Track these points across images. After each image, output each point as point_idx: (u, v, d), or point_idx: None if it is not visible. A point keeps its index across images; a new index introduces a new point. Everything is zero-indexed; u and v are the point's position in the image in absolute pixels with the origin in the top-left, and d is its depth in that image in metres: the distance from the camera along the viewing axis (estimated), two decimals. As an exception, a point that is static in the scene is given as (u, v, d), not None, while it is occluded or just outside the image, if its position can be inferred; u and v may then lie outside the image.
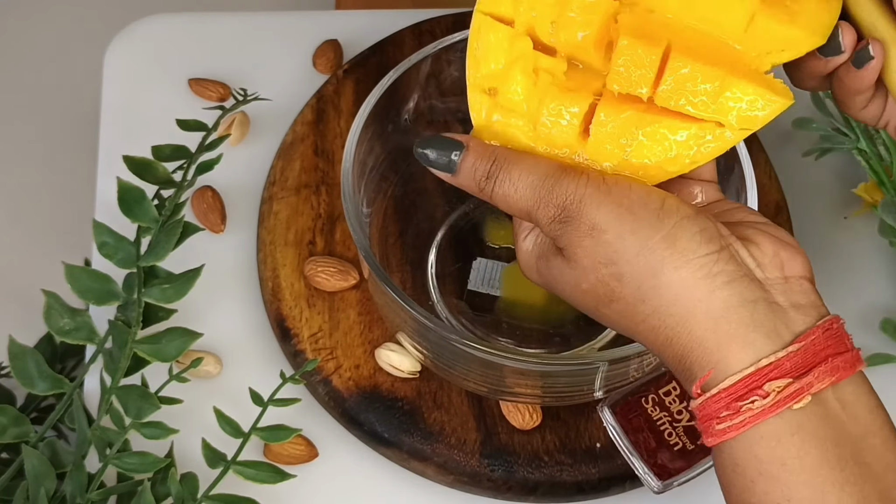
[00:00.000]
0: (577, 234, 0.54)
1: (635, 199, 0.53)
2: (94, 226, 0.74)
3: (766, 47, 0.55)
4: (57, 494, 0.71)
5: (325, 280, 0.77)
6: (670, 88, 0.55)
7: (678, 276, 0.52)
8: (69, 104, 1.51)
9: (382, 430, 0.75)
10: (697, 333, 0.52)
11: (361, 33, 0.86)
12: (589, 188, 0.54)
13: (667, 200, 0.53)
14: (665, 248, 0.52)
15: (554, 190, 0.54)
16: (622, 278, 0.53)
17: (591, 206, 0.53)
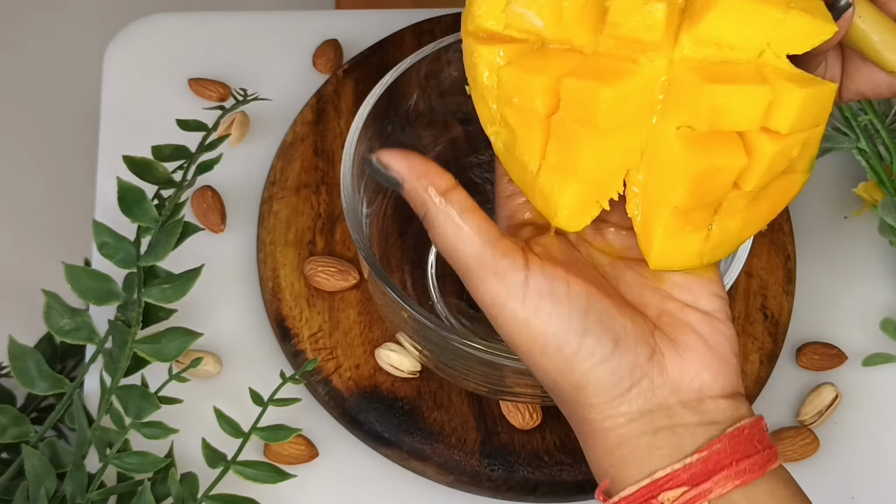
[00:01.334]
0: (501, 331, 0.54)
1: (550, 337, 0.52)
2: (94, 226, 0.75)
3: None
4: (57, 494, 0.71)
5: (325, 280, 0.77)
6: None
7: (581, 413, 0.54)
8: (69, 104, 1.51)
9: (382, 429, 0.75)
10: (595, 453, 0.54)
11: (361, 33, 0.86)
12: (509, 302, 0.52)
13: (581, 347, 0.52)
14: (572, 390, 0.53)
15: (482, 278, 0.53)
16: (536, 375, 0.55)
17: (506, 327, 0.53)
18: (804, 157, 0.55)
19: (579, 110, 0.53)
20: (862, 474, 0.77)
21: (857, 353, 0.79)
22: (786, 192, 0.56)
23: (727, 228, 0.55)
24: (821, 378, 0.78)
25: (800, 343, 0.79)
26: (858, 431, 0.77)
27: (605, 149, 0.54)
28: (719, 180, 0.53)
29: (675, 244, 0.55)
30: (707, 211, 0.55)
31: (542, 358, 0.53)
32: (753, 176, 0.53)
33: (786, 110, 0.52)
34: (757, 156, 0.53)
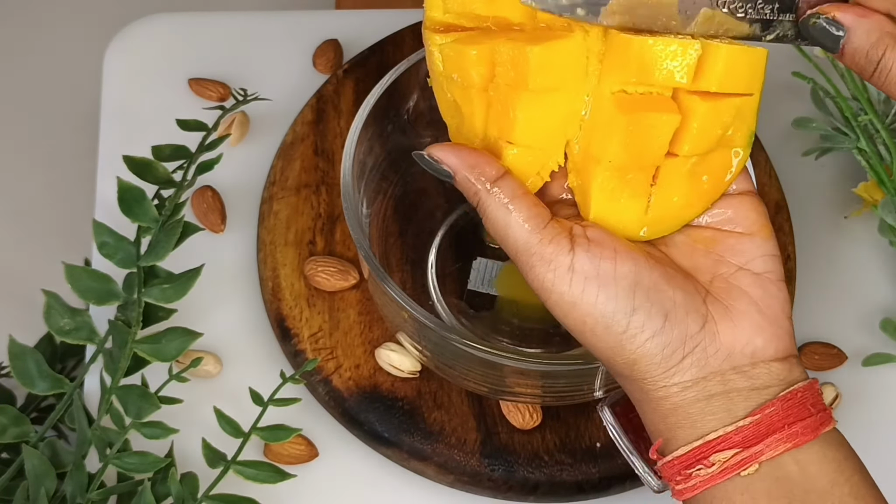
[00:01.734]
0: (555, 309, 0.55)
1: (598, 317, 0.53)
2: (94, 226, 0.74)
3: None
4: (57, 494, 0.71)
5: (325, 280, 0.77)
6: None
7: (635, 385, 0.55)
8: (69, 104, 1.51)
9: (382, 429, 0.75)
10: (650, 418, 0.55)
11: (361, 33, 0.86)
12: (556, 285, 0.53)
13: (630, 325, 0.53)
14: (625, 366, 0.54)
15: (532, 260, 0.54)
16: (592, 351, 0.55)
17: (557, 309, 0.54)
18: (741, 130, 0.55)
19: (512, 73, 0.54)
20: (862, 474, 0.77)
21: (857, 353, 0.79)
22: (725, 168, 0.56)
23: (668, 201, 0.56)
24: (821, 378, 0.78)
25: (800, 343, 0.79)
26: (858, 431, 0.77)
27: (540, 113, 0.55)
28: (653, 138, 0.54)
29: (613, 207, 0.56)
30: (644, 174, 0.55)
31: (594, 337, 0.53)
32: (687, 137, 0.54)
33: (712, 66, 0.53)
34: (689, 116, 0.54)
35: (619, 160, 0.54)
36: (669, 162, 0.55)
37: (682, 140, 0.54)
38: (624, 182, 0.55)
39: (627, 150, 0.54)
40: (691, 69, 0.53)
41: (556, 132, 0.55)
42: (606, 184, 0.55)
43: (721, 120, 0.54)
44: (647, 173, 0.55)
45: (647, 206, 0.56)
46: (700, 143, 0.54)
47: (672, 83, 0.53)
